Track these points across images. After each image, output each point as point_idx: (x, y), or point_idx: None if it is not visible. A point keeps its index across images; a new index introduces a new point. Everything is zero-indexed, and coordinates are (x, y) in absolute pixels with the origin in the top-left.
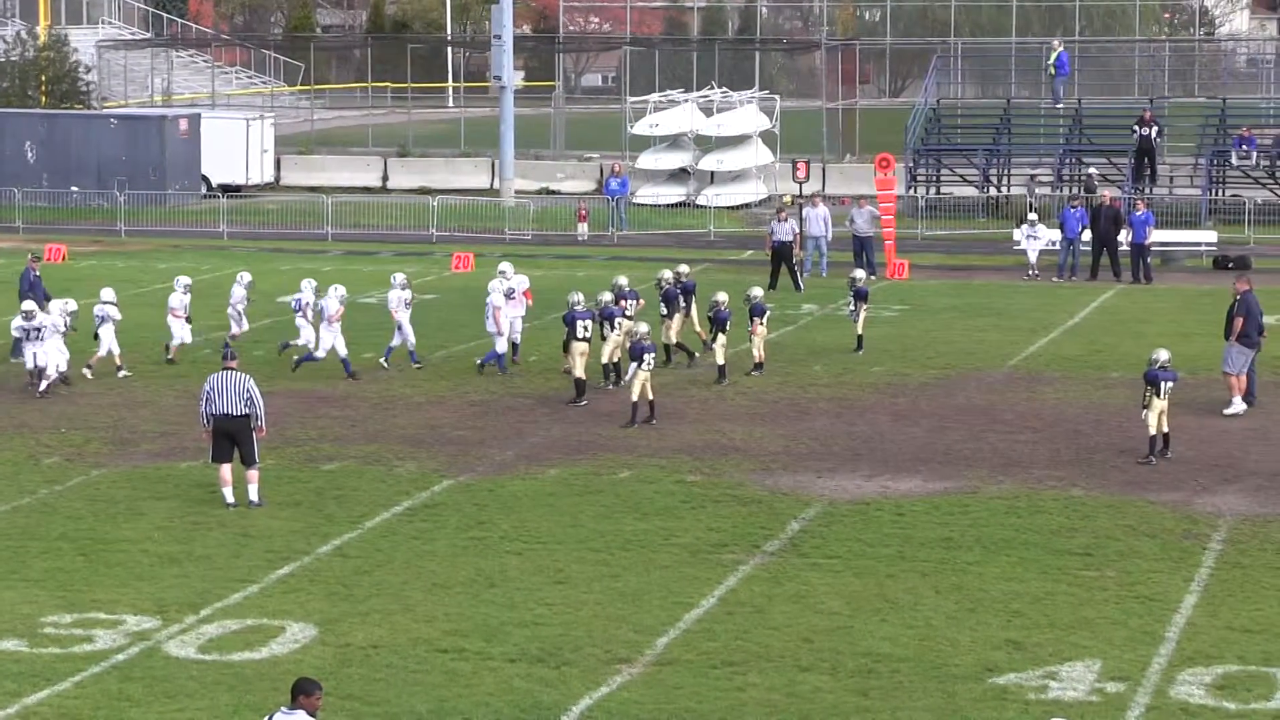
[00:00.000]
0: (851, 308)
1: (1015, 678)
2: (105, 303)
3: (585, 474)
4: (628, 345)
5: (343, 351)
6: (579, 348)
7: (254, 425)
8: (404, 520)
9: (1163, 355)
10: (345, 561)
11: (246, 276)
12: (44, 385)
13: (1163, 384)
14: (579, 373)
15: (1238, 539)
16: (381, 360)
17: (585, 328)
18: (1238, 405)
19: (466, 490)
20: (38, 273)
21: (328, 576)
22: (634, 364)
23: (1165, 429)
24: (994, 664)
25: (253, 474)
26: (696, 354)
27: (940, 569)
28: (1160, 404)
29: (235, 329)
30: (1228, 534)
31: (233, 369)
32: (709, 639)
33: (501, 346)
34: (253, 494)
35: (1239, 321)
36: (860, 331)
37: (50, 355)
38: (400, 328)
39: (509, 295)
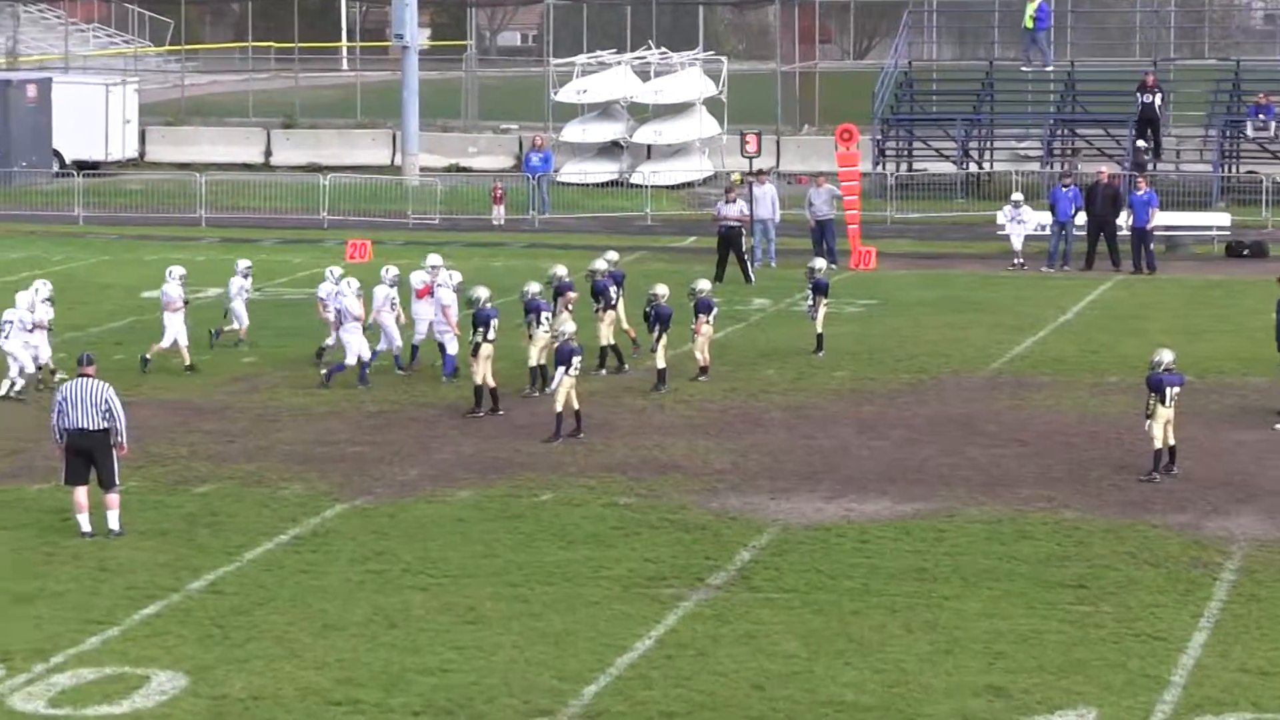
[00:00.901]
0: (810, 302)
1: None
2: None
3: (501, 496)
4: (555, 347)
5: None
6: (485, 350)
7: (114, 441)
8: (290, 551)
9: (1167, 357)
10: (221, 599)
11: (244, 263)
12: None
13: (1168, 390)
14: (479, 379)
15: (1253, 567)
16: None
17: (494, 326)
18: None
19: (363, 515)
20: None
21: (200, 617)
22: (560, 369)
23: (1171, 441)
24: (973, 713)
25: (112, 498)
26: (627, 363)
27: (912, 604)
28: (1166, 413)
29: (237, 324)
30: (1242, 562)
31: (89, 375)
32: (645, 687)
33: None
34: (112, 521)
35: None
36: (820, 330)
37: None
38: (385, 330)
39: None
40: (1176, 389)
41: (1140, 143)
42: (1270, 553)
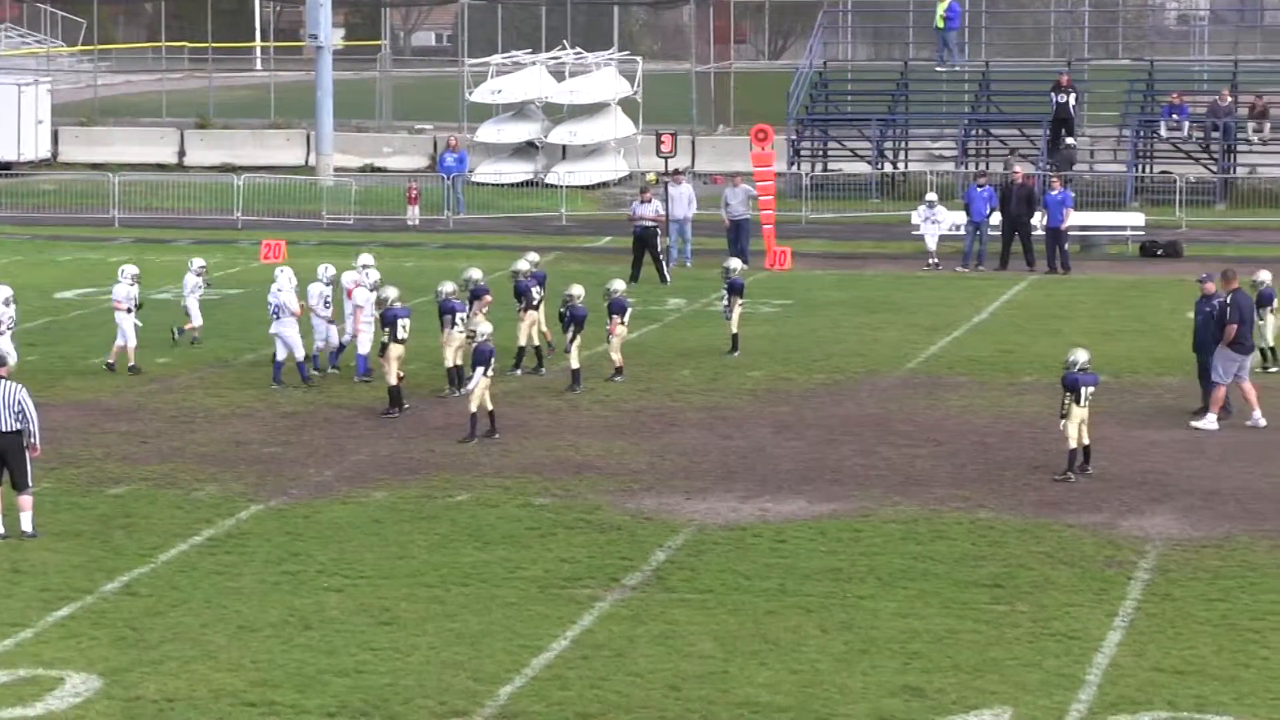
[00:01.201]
0: (725, 303)
1: None
2: None
3: (416, 497)
4: (472, 347)
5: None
6: (395, 350)
7: (26, 443)
8: (204, 552)
9: (1081, 356)
10: (135, 601)
11: (199, 261)
12: None
13: (1083, 389)
14: (391, 379)
15: (1167, 567)
16: (331, 369)
17: (403, 327)
18: (1210, 421)
19: (278, 517)
20: None
21: (114, 619)
22: (479, 369)
23: (1086, 441)
24: (889, 713)
25: (25, 500)
26: (544, 366)
27: (827, 604)
28: (1080, 412)
29: (195, 321)
30: (1156, 561)
31: (2, 377)
32: (561, 687)
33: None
34: (25, 523)
35: (1232, 328)
36: (735, 330)
37: None
38: (317, 328)
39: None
40: (1091, 389)
41: (1069, 140)
42: (1184, 552)
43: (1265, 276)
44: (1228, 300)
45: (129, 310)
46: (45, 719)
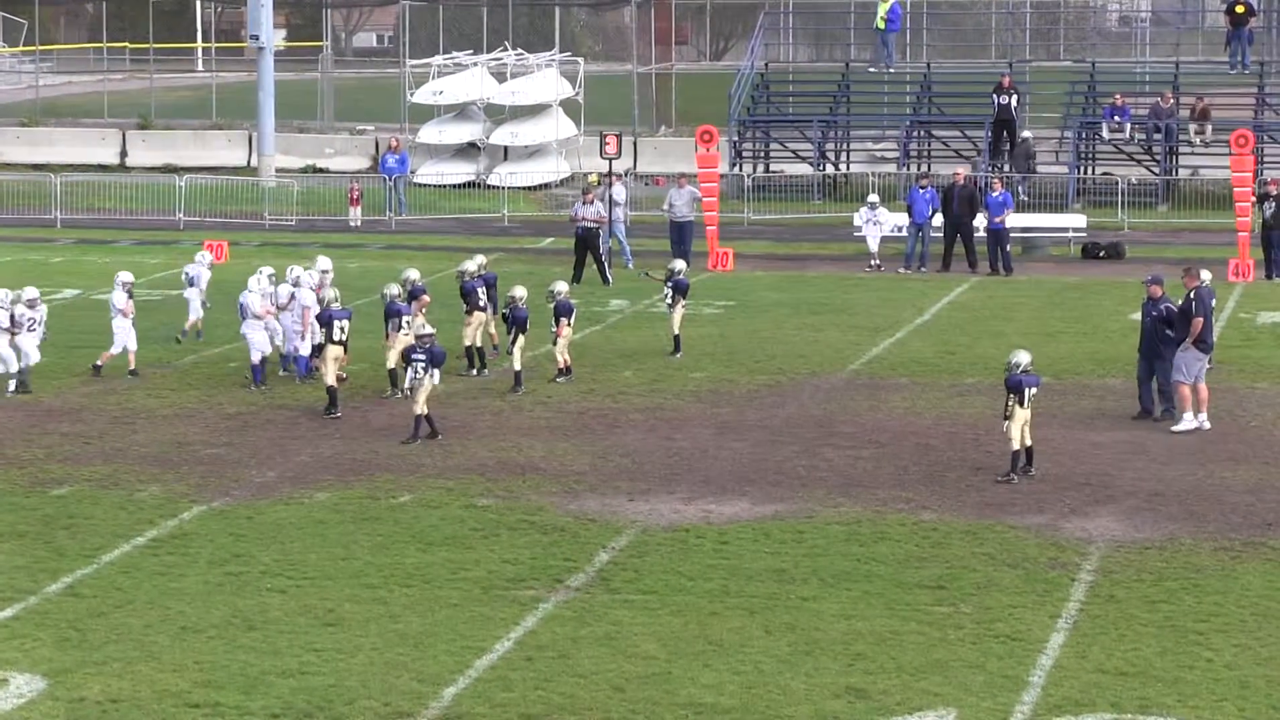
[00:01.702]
0: (669, 303)
1: None
2: None
3: (359, 498)
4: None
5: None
6: (333, 351)
7: None
8: (147, 553)
9: (1024, 358)
10: (78, 602)
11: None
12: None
13: (1026, 391)
14: (329, 379)
15: (1111, 568)
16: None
17: (342, 329)
18: (1189, 421)
19: (221, 517)
20: None
21: (58, 619)
22: (432, 370)
23: (1028, 442)
24: (833, 714)
25: None
26: (486, 368)
27: (771, 605)
28: (1024, 414)
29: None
30: (1099, 563)
31: None
32: (505, 689)
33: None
34: None
35: (1198, 322)
36: (677, 331)
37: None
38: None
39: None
40: (1034, 390)
41: (1025, 134)
42: (1127, 554)
43: (1205, 276)
44: (1191, 296)
45: (127, 315)
46: None
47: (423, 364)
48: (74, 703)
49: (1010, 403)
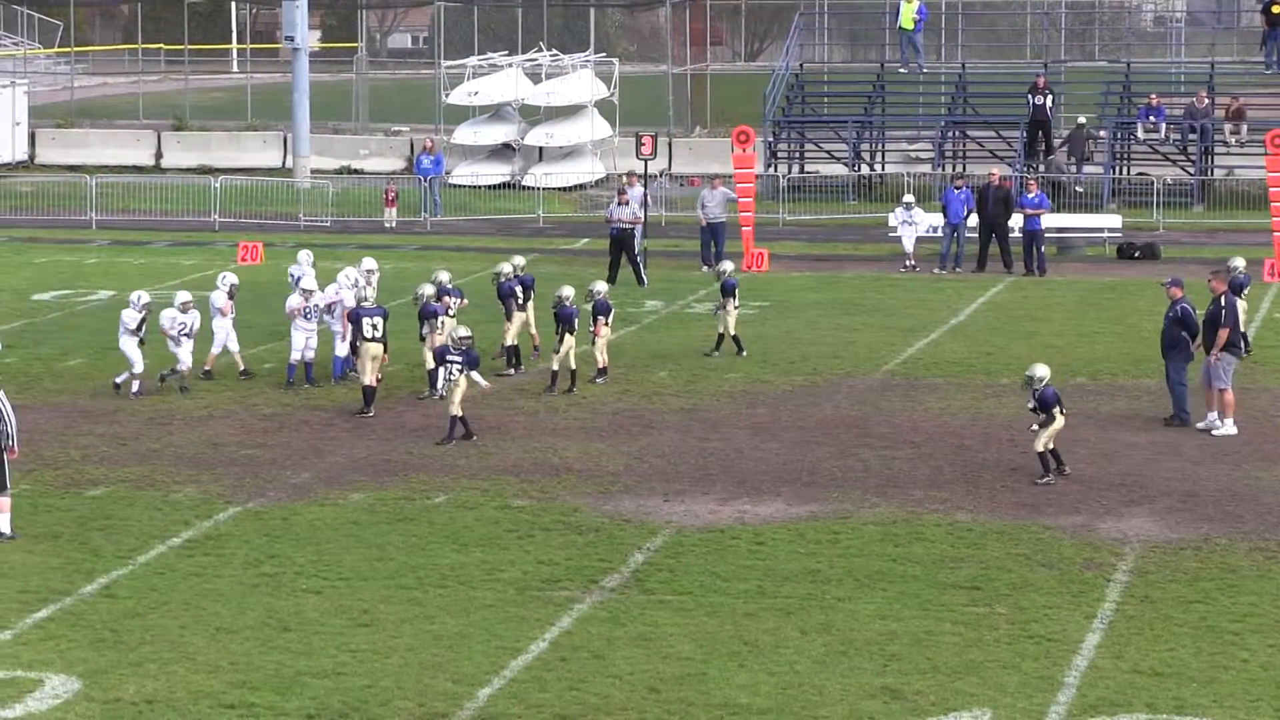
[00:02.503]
0: (717, 303)
1: None
2: None
3: (394, 499)
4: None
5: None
6: (371, 349)
7: (4, 445)
8: (183, 554)
9: (1043, 371)
10: (114, 603)
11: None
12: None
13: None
14: (367, 379)
15: (1146, 569)
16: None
17: (374, 326)
18: (1229, 426)
19: (256, 518)
20: None
21: (93, 620)
22: (468, 372)
23: (1052, 445)
24: (868, 715)
25: (3, 502)
26: (522, 365)
27: (806, 606)
28: (1059, 421)
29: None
30: (1134, 563)
31: None
32: (539, 689)
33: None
34: (3, 525)
35: (1224, 332)
36: (733, 332)
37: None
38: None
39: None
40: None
41: (1081, 118)
42: (1162, 554)
43: (1239, 263)
44: (1222, 303)
45: (226, 315)
46: None
47: (459, 366)
48: (109, 703)
49: (1047, 417)
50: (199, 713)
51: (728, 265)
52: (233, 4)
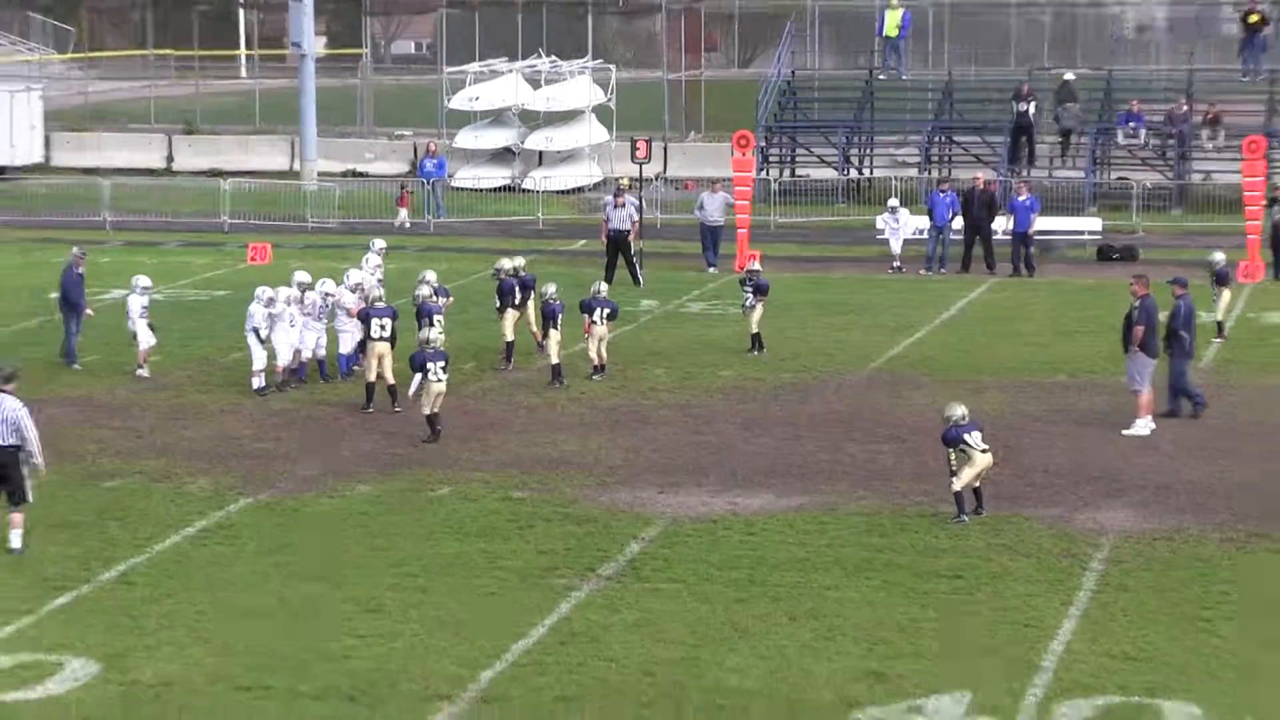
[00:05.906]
0: (749, 301)
1: (878, 712)
2: None
3: (400, 491)
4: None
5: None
6: (378, 349)
7: (24, 460)
8: (197, 543)
9: (959, 410)
10: (131, 590)
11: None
12: None
13: (968, 437)
14: (371, 376)
15: (1120, 558)
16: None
17: (382, 326)
18: (1141, 425)
19: (267, 509)
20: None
21: (111, 606)
22: (419, 375)
23: (976, 484)
24: (854, 697)
25: (16, 517)
26: (512, 361)
27: (795, 593)
28: (984, 459)
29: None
30: (1109, 553)
31: (7, 393)
32: (539, 673)
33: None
34: (14, 540)
35: (1139, 330)
36: (755, 330)
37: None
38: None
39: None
40: (977, 434)
41: (1069, 74)
42: (1136, 544)
43: (1220, 257)
44: (1135, 305)
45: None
46: (45, 702)
47: (442, 368)
48: (128, 686)
49: (955, 457)
50: (215, 694)
51: (756, 265)
52: (241, 11)
